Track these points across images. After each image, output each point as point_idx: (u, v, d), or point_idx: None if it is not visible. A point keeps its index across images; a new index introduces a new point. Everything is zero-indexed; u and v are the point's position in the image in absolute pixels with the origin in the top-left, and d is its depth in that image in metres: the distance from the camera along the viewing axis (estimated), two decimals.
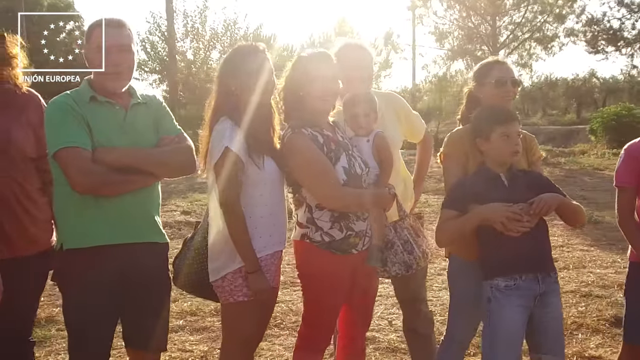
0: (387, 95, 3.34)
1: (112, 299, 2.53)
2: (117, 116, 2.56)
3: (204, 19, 27.25)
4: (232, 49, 2.76)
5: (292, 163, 2.73)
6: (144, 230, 2.60)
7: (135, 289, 2.56)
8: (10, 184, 2.67)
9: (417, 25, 29.73)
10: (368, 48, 3.22)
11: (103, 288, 2.50)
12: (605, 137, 20.05)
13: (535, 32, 27.87)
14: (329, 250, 2.74)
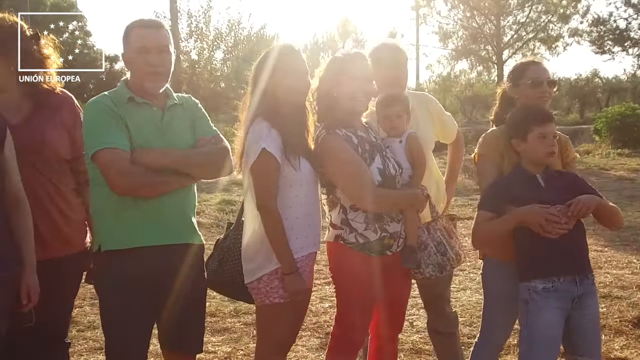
0: (421, 95, 3.33)
1: (150, 301, 2.52)
2: (155, 117, 2.55)
3: (208, 19, 27.26)
4: (266, 50, 2.74)
5: (326, 164, 2.72)
6: (181, 232, 2.59)
7: (172, 290, 2.54)
8: (45, 185, 2.66)
9: (420, 25, 29.74)
10: (403, 48, 3.22)
11: (141, 290, 2.48)
12: (610, 137, 20.03)
13: (540, 32, 27.87)
14: (363, 252, 2.73)
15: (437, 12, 28.65)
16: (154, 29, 2.54)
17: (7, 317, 2.46)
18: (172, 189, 2.53)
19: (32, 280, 2.49)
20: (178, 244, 2.56)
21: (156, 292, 2.52)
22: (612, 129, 20.34)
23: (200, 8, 28.23)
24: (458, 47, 29.10)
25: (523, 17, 27.88)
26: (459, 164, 3.54)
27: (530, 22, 27.95)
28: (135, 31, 2.54)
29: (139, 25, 2.56)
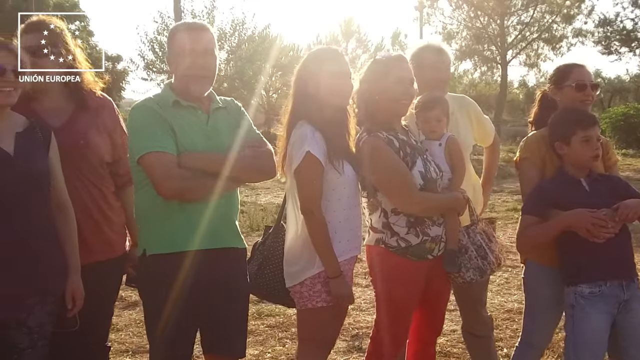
0: (461, 98, 3.32)
1: (194, 305, 2.49)
2: (200, 120, 2.53)
3: (212, 19, 27.20)
4: (309, 53, 2.73)
5: (368, 167, 2.70)
6: (226, 236, 2.57)
7: (217, 295, 2.52)
8: (89, 188, 2.65)
9: (424, 25, 29.69)
10: (446, 50, 3.21)
11: (186, 294, 2.46)
12: (614, 137, 20.05)
13: (544, 33, 27.84)
14: (405, 256, 2.71)
15: (441, 12, 28.67)
16: (199, 31, 2.52)
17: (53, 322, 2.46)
18: (219, 193, 2.51)
19: (76, 285, 2.49)
20: (223, 249, 2.54)
21: (200, 297, 2.50)
22: (616, 129, 20.37)
23: (204, 8, 28.24)
24: (462, 47, 29.07)
25: (527, 17, 27.84)
26: (495, 167, 3.53)
27: (534, 22, 27.91)
28: (180, 34, 2.52)
29: (184, 28, 2.54)
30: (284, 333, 4.53)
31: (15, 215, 2.31)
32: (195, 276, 2.47)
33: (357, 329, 4.56)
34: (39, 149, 2.43)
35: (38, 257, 2.37)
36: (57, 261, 2.45)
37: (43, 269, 2.39)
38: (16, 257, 2.32)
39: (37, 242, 2.37)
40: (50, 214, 2.44)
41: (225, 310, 2.57)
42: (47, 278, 2.41)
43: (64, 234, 2.48)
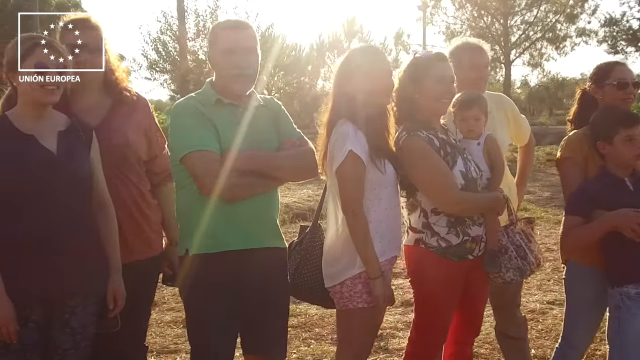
0: (498, 96, 3.30)
1: (236, 306, 2.47)
2: (242, 119, 2.50)
3: (215, 19, 27.15)
4: (350, 50, 2.70)
5: (408, 167, 2.68)
6: (268, 235, 2.55)
7: (258, 295, 2.50)
8: (128, 186, 2.63)
9: (427, 24, 29.70)
10: (485, 48, 3.18)
11: (228, 295, 2.44)
12: None
13: (547, 32, 27.86)
14: (445, 256, 2.69)
15: (444, 12, 28.67)
16: (242, 29, 2.49)
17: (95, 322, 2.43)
18: (261, 192, 2.49)
19: (118, 285, 2.46)
20: (265, 248, 2.52)
21: (242, 297, 2.48)
22: None
23: (208, 8, 28.21)
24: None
25: (531, 17, 27.84)
26: (530, 166, 3.51)
27: (537, 22, 27.91)
28: (222, 32, 2.50)
29: (225, 26, 2.52)
30: (308, 333, 4.51)
31: (58, 215, 2.29)
32: (238, 276, 2.45)
33: (380, 329, 4.51)
34: (81, 148, 2.41)
35: (80, 258, 2.35)
36: (99, 261, 2.42)
37: (85, 269, 2.36)
38: (59, 257, 2.29)
39: (79, 242, 2.35)
40: (91, 213, 2.42)
41: (267, 311, 2.54)
42: (89, 278, 2.38)
43: (105, 234, 2.46)
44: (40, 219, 2.26)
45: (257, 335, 2.56)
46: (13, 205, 2.26)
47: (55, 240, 2.28)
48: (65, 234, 2.30)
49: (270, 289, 2.55)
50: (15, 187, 2.25)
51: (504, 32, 27.46)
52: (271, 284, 2.55)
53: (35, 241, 2.26)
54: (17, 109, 2.36)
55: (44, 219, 2.26)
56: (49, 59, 2.29)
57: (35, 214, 2.26)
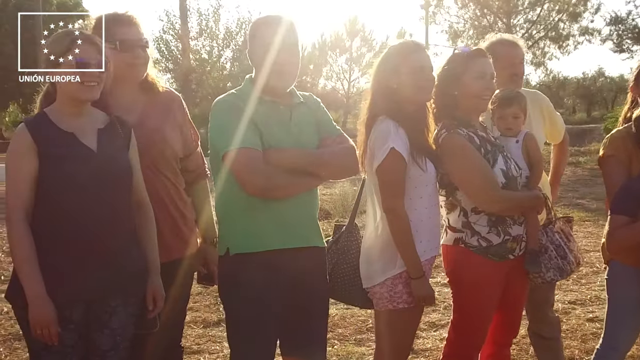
0: (534, 93, 3.25)
1: (277, 307, 2.42)
2: (283, 116, 2.46)
3: (218, 17, 27.15)
4: (390, 47, 2.65)
5: (449, 165, 2.63)
6: (310, 234, 2.50)
7: (299, 296, 2.45)
8: (166, 184, 2.59)
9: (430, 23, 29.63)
10: (521, 44, 3.14)
11: (269, 295, 2.39)
12: None
13: (550, 31, 27.82)
14: (486, 256, 2.65)
15: (447, 11, 28.62)
16: (283, 25, 2.44)
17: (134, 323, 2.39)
18: (303, 191, 2.44)
19: (157, 285, 2.42)
20: (306, 247, 2.47)
21: (282, 298, 2.42)
22: None
23: (210, 7, 28.17)
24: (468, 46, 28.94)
25: (534, 15, 27.80)
26: (564, 165, 3.47)
27: (540, 20, 27.87)
28: (262, 27, 2.45)
29: (266, 22, 2.47)
30: (330, 334, 4.45)
31: (98, 214, 2.24)
32: (279, 276, 2.40)
33: None
34: (121, 146, 2.37)
35: (121, 257, 2.31)
36: (138, 261, 2.38)
37: (126, 269, 2.32)
38: (99, 257, 2.25)
39: (119, 242, 2.31)
40: (131, 212, 2.37)
41: (307, 313, 2.50)
42: (129, 279, 2.34)
43: (143, 233, 2.41)
44: (81, 219, 2.21)
45: (298, 337, 2.51)
46: (53, 204, 2.21)
47: (96, 240, 2.24)
48: (106, 234, 2.26)
49: (311, 290, 2.50)
50: (55, 186, 2.21)
51: (507, 31, 27.36)
52: (312, 285, 2.50)
53: (76, 241, 2.22)
54: (55, 105, 2.31)
55: (85, 219, 2.22)
56: (89, 55, 2.24)
57: (76, 213, 2.21)
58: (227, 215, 2.47)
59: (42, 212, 2.22)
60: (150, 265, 2.41)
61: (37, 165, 2.21)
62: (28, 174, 2.20)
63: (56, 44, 2.26)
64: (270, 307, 2.41)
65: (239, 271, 2.41)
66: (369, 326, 4.55)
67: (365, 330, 4.49)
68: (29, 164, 2.20)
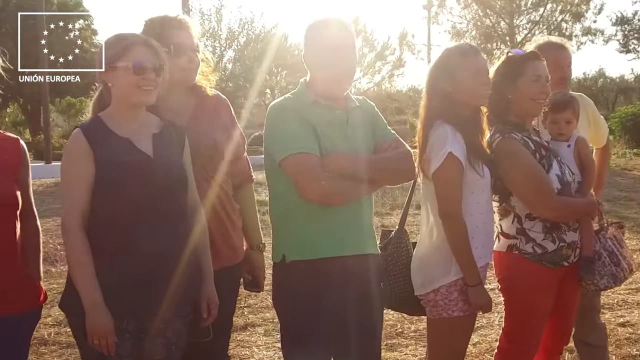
0: (579, 96, 3.20)
1: (334, 315, 2.37)
2: (340, 121, 2.40)
3: (220, 18, 27.03)
4: (445, 49, 2.60)
5: (504, 170, 2.59)
6: (365, 241, 2.44)
7: (355, 304, 2.40)
8: (217, 191, 2.53)
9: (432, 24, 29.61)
10: (568, 47, 3.09)
11: (326, 303, 2.34)
12: (624, 137, 20.02)
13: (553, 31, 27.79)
14: (540, 263, 2.60)
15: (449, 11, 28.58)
16: (340, 28, 2.39)
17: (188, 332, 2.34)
18: (361, 197, 2.39)
19: (212, 293, 2.36)
20: (362, 255, 2.42)
21: (339, 306, 2.37)
22: (626, 129, 20.33)
23: (213, 7, 28.08)
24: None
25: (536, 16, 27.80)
26: (606, 170, 3.43)
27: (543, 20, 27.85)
28: (320, 31, 2.40)
29: (323, 25, 2.41)
30: None
31: (155, 220, 2.19)
32: (335, 284, 2.35)
33: None
34: (176, 151, 2.31)
35: (176, 265, 2.25)
36: (193, 268, 2.32)
37: (181, 277, 2.26)
38: (156, 265, 2.19)
39: (175, 249, 2.25)
40: (186, 218, 2.32)
41: (363, 321, 2.44)
42: (184, 286, 2.28)
43: (197, 239, 2.35)
44: (138, 225, 2.16)
45: (352, 346, 2.45)
46: (109, 211, 2.16)
47: (152, 247, 2.18)
48: (162, 241, 2.20)
49: (368, 299, 2.44)
50: (112, 192, 2.15)
51: (509, 32, 27.41)
52: (369, 293, 2.45)
53: (131, 248, 2.16)
54: (110, 110, 2.25)
55: (141, 225, 2.16)
56: (146, 58, 2.19)
57: (133, 220, 2.15)
58: (283, 221, 2.41)
59: (97, 218, 2.17)
60: (204, 272, 2.36)
61: (93, 171, 2.15)
62: (85, 180, 2.14)
63: (112, 48, 2.21)
64: (327, 315, 2.35)
65: (296, 278, 2.36)
66: (399, 331, 4.51)
67: (396, 335, 4.43)
68: (86, 170, 2.14)
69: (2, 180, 2.24)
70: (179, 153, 2.32)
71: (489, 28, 27.98)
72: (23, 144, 2.40)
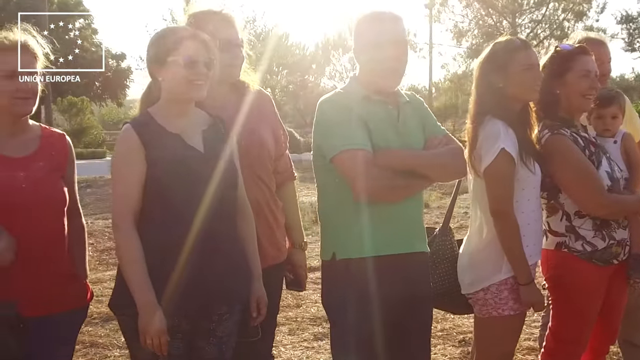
0: None
1: (385, 315, 2.32)
2: (391, 116, 2.36)
3: None
4: (495, 43, 2.56)
5: (553, 167, 2.54)
6: (416, 239, 2.40)
7: (406, 304, 2.34)
8: (261, 188, 2.48)
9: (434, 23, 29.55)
10: (607, 42, 3.05)
11: (378, 303, 2.28)
12: None
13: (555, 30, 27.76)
14: (590, 261, 2.56)
15: (451, 10, 28.51)
16: (391, 22, 2.34)
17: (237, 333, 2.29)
18: (414, 193, 2.35)
19: (261, 292, 2.32)
20: (413, 253, 2.37)
21: (389, 305, 2.32)
22: None
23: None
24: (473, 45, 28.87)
25: (539, 15, 27.75)
26: None
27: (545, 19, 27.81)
28: (370, 24, 2.35)
29: (374, 18, 2.36)
30: None
31: (209, 219, 2.13)
32: (386, 283, 2.30)
33: (460, 333, 4.39)
34: (225, 147, 2.26)
35: (227, 264, 2.20)
36: (242, 267, 2.28)
37: (232, 276, 2.22)
38: (207, 262, 2.14)
39: (225, 247, 2.20)
40: (235, 216, 2.27)
41: (414, 321, 2.40)
42: (235, 285, 2.24)
43: (245, 237, 2.31)
44: (191, 225, 2.11)
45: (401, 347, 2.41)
46: (161, 209, 2.11)
47: (203, 246, 2.13)
48: (214, 239, 2.15)
49: (418, 297, 2.40)
50: (164, 190, 2.10)
51: (512, 31, 27.29)
52: (419, 292, 2.40)
53: (183, 247, 2.11)
54: (160, 105, 2.20)
55: (195, 225, 2.11)
56: (197, 52, 2.14)
57: (187, 219, 2.10)
58: (333, 218, 2.36)
59: (148, 217, 2.12)
60: (253, 271, 2.31)
61: (145, 168, 2.10)
62: (137, 178, 2.09)
63: (162, 42, 2.16)
64: (379, 315, 2.30)
65: (346, 277, 2.31)
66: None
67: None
68: (137, 167, 2.09)
69: (51, 177, 2.20)
70: (228, 149, 2.27)
71: (491, 27, 27.91)
72: (69, 139, 2.35)
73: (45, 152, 2.23)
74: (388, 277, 2.29)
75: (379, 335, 2.33)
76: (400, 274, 2.31)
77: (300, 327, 4.66)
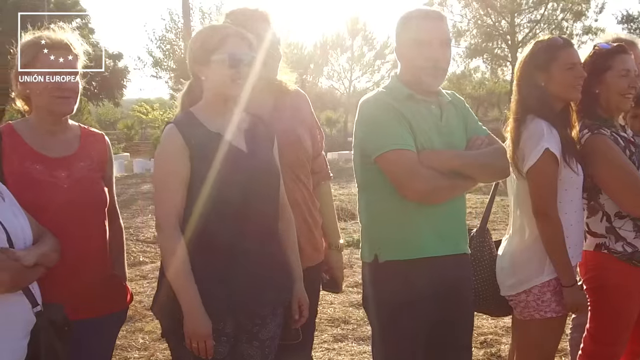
0: None
1: (430, 317, 2.29)
2: (434, 116, 2.32)
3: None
4: (537, 42, 2.53)
5: (593, 167, 2.51)
6: (460, 240, 2.36)
7: (451, 306, 2.30)
8: (301, 188, 2.45)
9: None
10: (637, 42, 3.03)
11: (423, 305, 2.25)
12: None
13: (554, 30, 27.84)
14: (630, 262, 2.53)
15: (450, 10, 28.54)
16: (435, 20, 2.31)
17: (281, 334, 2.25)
18: (459, 194, 2.32)
19: (302, 294, 2.28)
20: (458, 255, 2.34)
21: (434, 308, 2.28)
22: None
23: (213, 5, 27.99)
24: (471, 45, 28.93)
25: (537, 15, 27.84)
26: None
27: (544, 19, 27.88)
28: (414, 22, 2.31)
29: (418, 16, 2.33)
30: None
31: (253, 221, 2.10)
32: (430, 285, 2.27)
33: (481, 335, 4.36)
34: (267, 146, 2.23)
35: (270, 265, 2.16)
36: (284, 268, 2.24)
37: (275, 278, 2.18)
38: (253, 266, 2.10)
39: (269, 248, 2.16)
40: (278, 216, 2.23)
41: (457, 324, 2.36)
42: (278, 287, 2.20)
43: (286, 238, 2.27)
44: (237, 226, 2.07)
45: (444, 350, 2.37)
46: (208, 210, 2.06)
47: (247, 247, 2.09)
48: (258, 240, 2.12)
49: (463, 300, 2.37)
50: (211, 191, 2.06)
51: (510, 31, 27.41)
52: (463, 294, 2.37)
53: (230, 249, 2.07)
54: (202, 104, 2.17)
55: (240, 226, 2.07)
56: (242, 50, 2.10)
57: (231, 220, 2.06)
58: (376, 219, 2.32)
59: (192, 217, 2.07)
60: (294, 273, 2.27)
61: (189, 169, 2.06)
62: (180, 178, 2.06)
63: (205, 41, 2.12)
64: (422, 317, 2.27)
65: (389, 279, 2.27)
66: None
67: None
68: (181, 168, 2.05)
69: (92, 178, 2.16)
70: (270, 148, 2.23)
71: (490, 27, 27.96)
72: (107, 139, 2.31)
73: (86, 152, 2.19)
74: (433, 279, 2.25)
75: (422, 341, 2.30)
76: (444, 277, 2.28)
77: (318, 328, 4.61)
